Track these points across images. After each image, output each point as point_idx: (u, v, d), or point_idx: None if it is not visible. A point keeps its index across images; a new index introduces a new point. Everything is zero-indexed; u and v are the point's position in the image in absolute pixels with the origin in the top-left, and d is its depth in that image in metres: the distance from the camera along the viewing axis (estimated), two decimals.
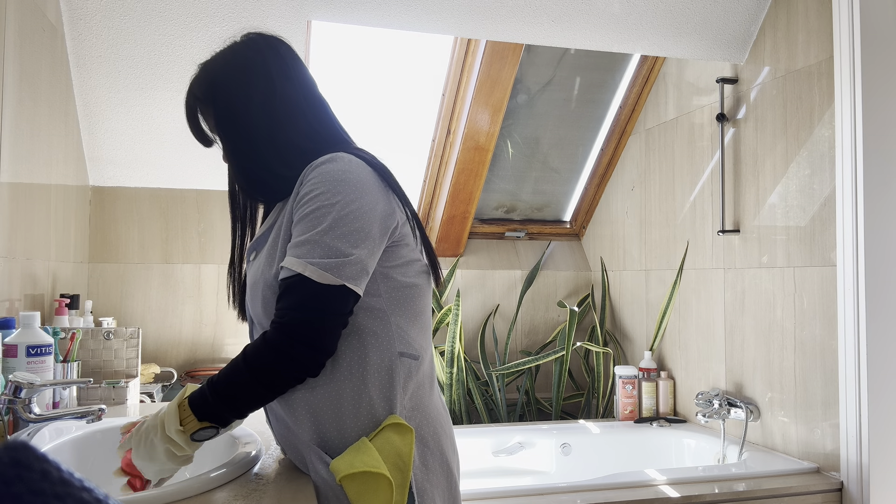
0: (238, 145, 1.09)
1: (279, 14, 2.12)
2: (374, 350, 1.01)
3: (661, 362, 2.85)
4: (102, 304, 2.53)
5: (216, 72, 1.09)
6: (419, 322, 1.08)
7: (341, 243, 0.95)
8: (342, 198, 0.97)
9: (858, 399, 1.97)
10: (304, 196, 0.99)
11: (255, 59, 1.09)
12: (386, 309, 1.03)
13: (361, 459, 0.94)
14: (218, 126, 1.10)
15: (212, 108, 1.09)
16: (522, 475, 2.59)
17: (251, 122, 1.07)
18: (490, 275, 3.14)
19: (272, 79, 1.08)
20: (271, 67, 1.09)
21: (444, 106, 2.85)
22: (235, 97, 1.07)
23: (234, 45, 1.12)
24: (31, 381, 1.16)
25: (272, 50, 1.11)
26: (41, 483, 0.34)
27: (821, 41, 2.13)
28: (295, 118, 1.08)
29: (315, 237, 0.95)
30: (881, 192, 1.99)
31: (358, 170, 1.01)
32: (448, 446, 1.09)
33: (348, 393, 1.00)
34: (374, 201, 1.00)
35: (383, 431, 0.99)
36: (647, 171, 2.96)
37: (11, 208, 1.70)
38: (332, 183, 0.98)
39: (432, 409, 1.08)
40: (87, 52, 2.17)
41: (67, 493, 0.35)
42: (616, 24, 2.32)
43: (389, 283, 1.03)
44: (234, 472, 1.03)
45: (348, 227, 0.96)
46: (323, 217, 0.96)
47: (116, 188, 2.56)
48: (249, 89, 1.07)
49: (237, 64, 1.09)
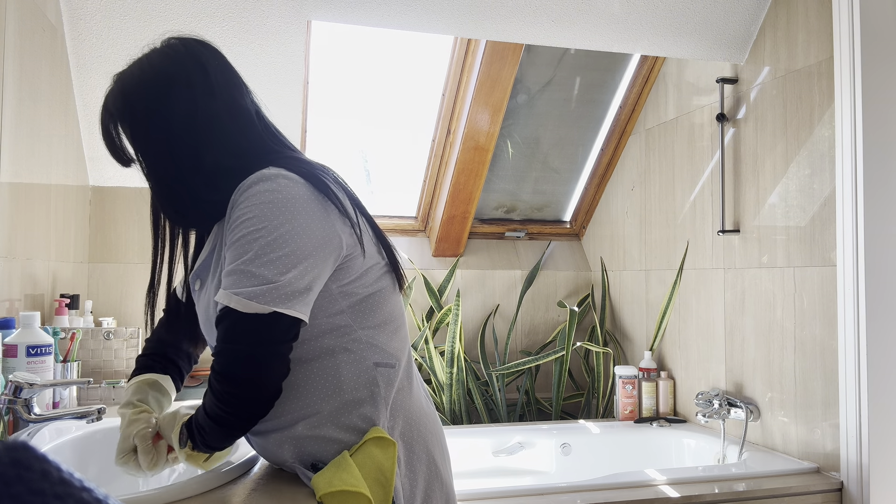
0: (158, 168, 1.01)
1: (279, 14, 2.12)
2: (347, 367, 0.99)
3: (661, 362, 2.85)
4: (102, 304, 2.53)
5: (131, 86, 1.00)
6: (389, 327, 1.04)
7: (268, 270, 0.89)
8: (268, 223, 0.90)
9: (858, 399, 1.97)
10: (233, 222, 0.93)
11: (174, 71, 0.99)
12: (351, 324, 0.99)
13: (340, 477, 0.92)
14: (135, 146, 1.01)
15: (126, 126, 1.00)
16: (522, 475, 2.59)
17: (171, 142, 0.98)
18: (490, 275, 3.14)
19: (194, 94, 0.98)
20: (193, 80, 0.99)
21: (444, 106, 2.85)
22: (153, 115, 0.98)
23: (150, 55, 1.02)
24: (31, 382, 1.16)
25: (194, 60, 1.01)
26: (41, 483, 0.34)
27: (821, 41, 2.13)
28: (220, 136, 0.99)
29: (241, 267, 0.90)
30: (881, 192, 1.99)
31: (287, 187, 0.92)
32: (434, 445, 1.07)
33: (328, 414, 0.98)
34: (307, 222, 0.92)
35: (365, 446, 0.96)
36: (647, 171, 2.96)
37: (11, 208, 1.70)
38: (257, 207, 0.91)
39: (414, 410, 1.06)
40: (87, 52, 2.17)
41: (67, 493, 0.35)
42: (616, 24, 2.32)
43: (349, 298, 0.99)
44: (234, 472, 1.03)
45: (276, 252, 0.90)
46: (249, 245, 0.90)
47: (116, 188, 2.56)
48: (168, 106, 0.98)
49: (154, 77, 0.99)
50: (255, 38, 2.18)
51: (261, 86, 2.32)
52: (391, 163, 3.09)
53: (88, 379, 1.26)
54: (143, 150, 1.01)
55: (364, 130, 2.99)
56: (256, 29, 2.15)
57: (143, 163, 1.02)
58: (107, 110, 1.01)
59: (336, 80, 2.76)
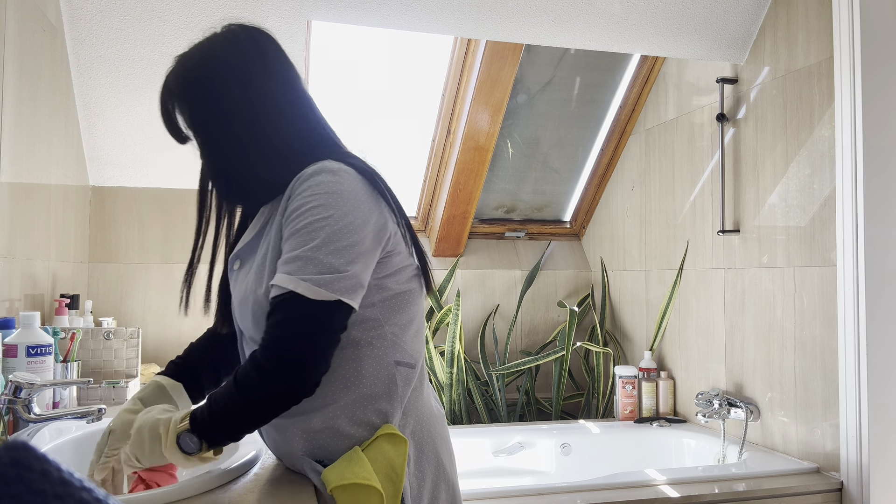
0: (214, 145, 1.03)
1: (279, 14, 2.12)
2: (369, 361, 0.99)
3: (661, 362, 2.85)
4: (102, 304, 2.53)
5: (192, 65, 1.03)
6: (412, 328, 1.05)
7: (335, 259, 0.91)
8: (334, 212, 0.93)
9: (858, 399, 1.97)
10: (295, 210, 0.95)
11: (234, 52, 1.03)
12: (380, 318, 1.01)
13: (352, 470, 0.92)
14: (192, 123, 1.03)
15: (186, 104, 1.03)
16: (522, 475, 2.59)
17: (228, 120, 1.01)
18: (490, 275, 3.14)
19: (251, 74, 1.02)
20: (251, 62, 1.03)
21: (444, 106, 2.85)
22: (211, 93, 1.01)
23: (212, 37, 1.06)
24: (31, 382, 1.16)
25: (253, 43, 1.05)
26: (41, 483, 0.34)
27: (821, 41, 2.13)
28: (276, 117, 1.02)
29: (307, 253, 0.91)
30: (881, 192, 1.99)
31: (349, 181, 0.96)
32: (441, 447, 1.07)
33: (344, 404, 0.98)
34: (366, 214, 0.95)
35: (377, 441, 0.97)
36: (647, 171, 2.96)
37: (11, 208, 1.70)
38: (323, 196, 0.93)
39: (425, 411, 1.06)
40: (87, 52, 2.17)
41: (67, 493, 0.35)
42: (616, 24, 2.32)
43: (383, 292, 1.01)
44: (234, 472, 1.03)
45: (342, 242, 0.92)
46: (315, 232, 0.92)
47: (116, 188, 2.56)
48: (227, 85, 1.01)
49: (214, 57, 1.03)
50: None
51: None
52: (391, 162, 3.09)
53: (88, 379, 1.26)
54: (201, 126, 1.03)
55: (364, 130, 2.99)
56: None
57: (199, 138, 1.04)
58: (167, 88, 1.04)
59: (336, 80, 2.76)
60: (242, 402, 0.91)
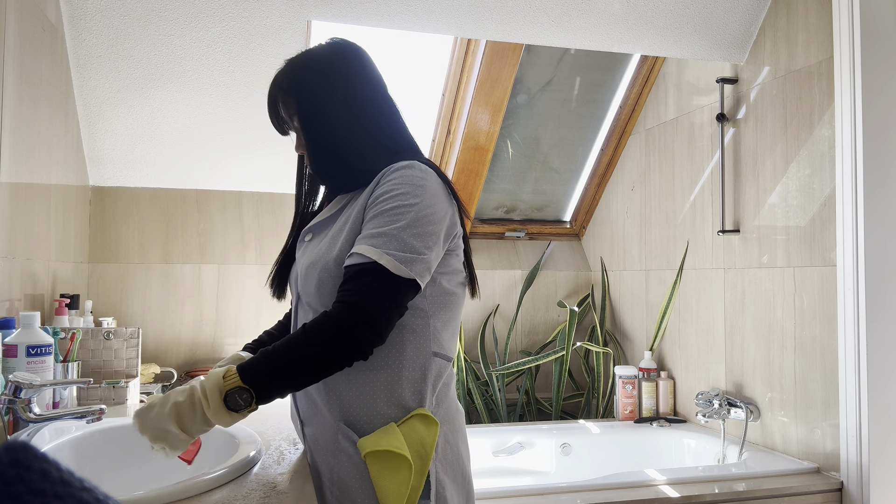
0: (317, 135, 1.16)
1: (279, 14, 2.12)
2: (411, 346, 1.08)
3: (661, 362, 2.85)
4: (102, 304, 2.53)
5: (302, 67, 1.17)
6: (451, 327, 1.15)
7: (417, 241, 1.02)
8: (420, 201, 1.05)
9: (858, 399, 1.97)
10: (384, 194, 1.06)
11: (339, 59, 1.18)
12: (428, 310, 1.10)
13: (387, 440, 1.01)
14: (300, 116, 1.17)
15: (294, 100, 1.16)
16: (522, 475, 2.59)
17: (331, 115, 1.15)
18: (490, 275, 3.14)
19: (353, 79, 1.17)
20: (353, 69, 1.18)
21: (444, 106, 2.85)
22: (318, 91, 1.15)
23: (320, 46, 1.21)
24: (31, 381, 1.16)
25: (354, 54, 1.20)
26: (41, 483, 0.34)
27: (821, 41, 2.13)
28: (371, 116, 1.17)
29: (393, 231, 1.02)
30: (881, 192, 1.99)
31: (433, 179, 1.09)
32: (462, 445, 1.15)
33: (382, 382, 1.07)
34: (444, 210, 1.08)
35: (410, 420, 1.06)
36: (647, 171, 2.96)
37: (11, 208, 1.70)
38: (411, 186, 1.06)
39: (452, 409, 1.15)
40: (87, 52, 2.17)
41: (67, 493, 0.35)
42: (616, 24, 2.32)
43: (436, 287, 1.10)
44: (234, 473, 1.03)
45: (424, 228, 1.03)
46: (402, 215, 1.03)
47: (116, 188, 2.56)
48: (332, 85, 1.15)
49: (323, 62, 1.17)
50: (255, 38, 2.18)
51: (261, 86, 2.32)
52: None
53: (89, 379, 1.26)
54: (306, 118, 1.16)
55: None
56: (256, 29, 2.15)
57: (302, 130, 1.17)
58: (277, 85, 1.18)
59: None
60: (307, 346, 0.97)
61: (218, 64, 2.23)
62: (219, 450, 1.22)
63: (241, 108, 2.39)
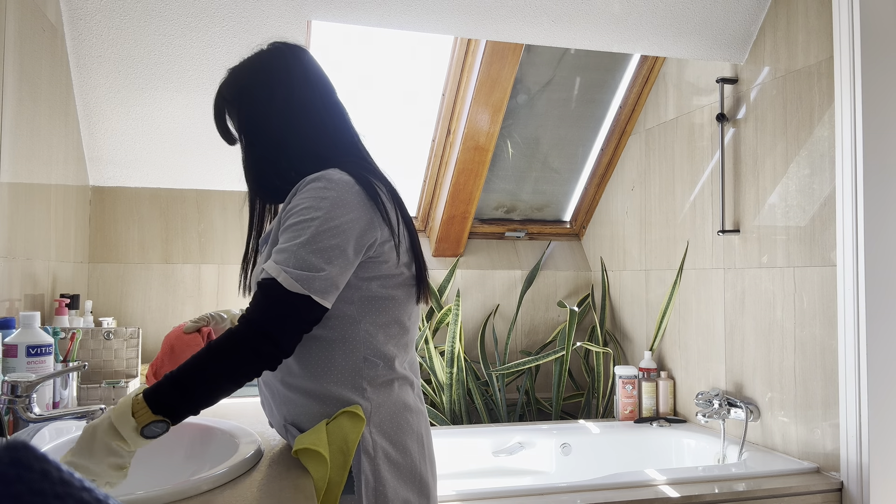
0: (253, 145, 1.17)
1: (279, 14, 2.12)
2: (339, 353, 1.11)
3: (661, 362, 2.85)
4: (102, 304, 2.53)
5: (242, 75, 1.18)
6: (390, 330, 1.14)
7: (315, 258, 1.02)
8: (323, 214, 1.04)
9: (858, 399, 1.97)
10: (292, 209, 1.07)
11: (278, 64, 1.18)
12: (356, 316, 1.11)
13: (309, 438, 1.06)
14: (240, 125, 1.18)
15: (235, 109, 1.18)
16: (522, 475, 2.59)
17: (269, 123, 1.15)
18: (490, 275, 3.14)
19: (293, 83, 1.16)
20: (292, 72, 1.17)
21: (444, 106, 2.85)
22: (257, 100, 1.15)
23: (260, 52, 1.21)
24: (27, 378, 1.16)
25: (294, 57, 1.19)
26: (41, 483, 0.34)
27: (821, 41, 2.13)
28: (309, 122, 1.16)
29: (293, 248, 1.03)
30: (881, 192, 1.99)
31: (343, 188, 1.06)
32: (413, 445, 1.15)
33: (316, 389, 1.11)
34: (353, 220, 1.06)
35: (339, 417, 1.08)
36: (647, 171, 2.96)
37: (11, 208, 1.70)
38: (315, 199, 1.05)
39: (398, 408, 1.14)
40: (87, 52, 2.17)
41: (67, 493, 0.35)
42: (616, 24, 2.32)
43: (362, 292, 1.11)
44: (233, 472, 1.03)
45: (325, 242, 1.03)
46: (303, 231, 1.04)
47: (116, 188, 2.56)
48: (271, 91, 1.15)
49: (261, 67, 1.18)
50: (255, 38, 2.18)
51: None
52: (391, 162, 3.08)
53: (84, 363, 1.27)
54: (244, 129, 1.18)
55: (363, 130, 2.99)
56: (256, 29, 2.15)
57: (244, 140, 1.19)
58: (220, 95, 1.20)
59: (335, 80, 2.75)
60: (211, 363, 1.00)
61: (218, 64, 2.23)
62: (219, 450, 1.22)
63: None
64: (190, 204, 2.64)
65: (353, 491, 1.07)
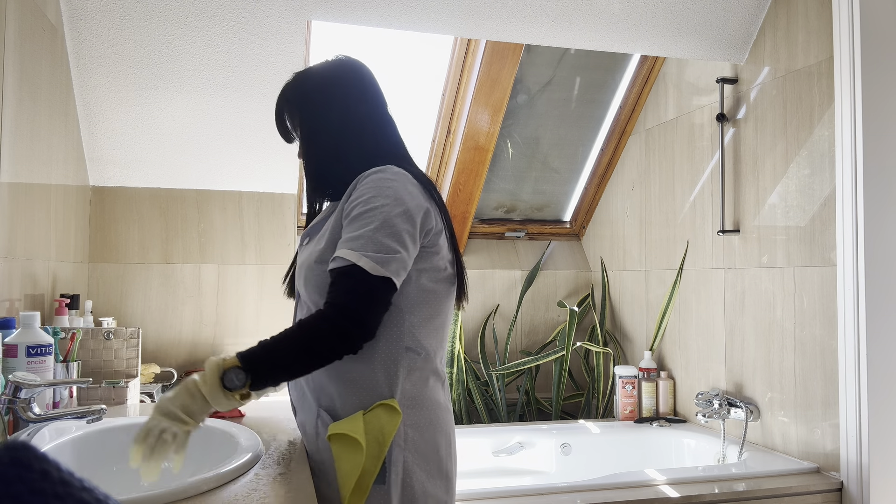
0: (314, 146, 1.26)
1: (279, 14, 2.12)
2: (384, 340, 1.15)
3: (661, 362, 2.85)
4: (102, 304, 2.53)
5: (307, 81, 1.27)
6: (433, 323, 1.19)
7: (391, 241, 1.09)
8: (389, 202, 1.11)
9: (858, 399, 1.97)
10: (357, 199, 1.14)
11: (341, 76, 1.27)
12: (403, 307, 1.15)
13: (348, 425, 1.10)
14: (300, 126, 1.27)
15: (297, 110, 1.27)
16: (522, 475, 2.59)
17: (328, 127, 1.24)
18: (490, 275, 3.14)
19: (350, 95, 1.26)
20: (352, 86, 1.27)
21: (444, 106, 2.85)
22: (319, 105, 1.25)
23: (326, 62, 1.31)
24: (31, 381, 1.16)
25: (356, 72, 1.29)
26: (41, 483, 0.34)
27: (821, 41, 2.13)
28: (364, 130, 1.25)
29: (368, 233, 1.09)
30: (881, 192, 1.99)
31: (403, 180, 1.16)
32: (441, 440, 1.19)
33: (356, 373, 1.15)
34: (416, 207, 1.14)
35: (376, 408, 1.13)
36: (647, 171, 2.96)
37: (11, 208, 1.70)
38: (380, 189, 1.13)
39: (429, 404, 1.19)
40: (87, 52, 2.17)
41: (67, 493, 0.35)
42: (616, 24, 2.32)
43: (413, 284, 1.16)
44: (233, 473, 1.03)
45: (396, 227, 1.10)
46: (373, 218, 1.10)
47: (116, 188, 2.56)
48: (331, 100, 1.25)
49: (326, 77, 1.27)
50: (255, 38, 2.18)
51: (260, 86, 2.32)
52: None
53: (88, 379, 1.26)
54: (306, 129, 1.27)
55: None
56: (256, 29, 2.15)
57: (301, 140, 1.28)
58: (284, 97, 1.28)
59: None
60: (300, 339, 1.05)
61: (218, 64, 2.23)
62: (219, 450, 1.22)
63: (242, 108, 2.39)
64: (190, 204, 2.64)
65: (384, 481, 1.11)
